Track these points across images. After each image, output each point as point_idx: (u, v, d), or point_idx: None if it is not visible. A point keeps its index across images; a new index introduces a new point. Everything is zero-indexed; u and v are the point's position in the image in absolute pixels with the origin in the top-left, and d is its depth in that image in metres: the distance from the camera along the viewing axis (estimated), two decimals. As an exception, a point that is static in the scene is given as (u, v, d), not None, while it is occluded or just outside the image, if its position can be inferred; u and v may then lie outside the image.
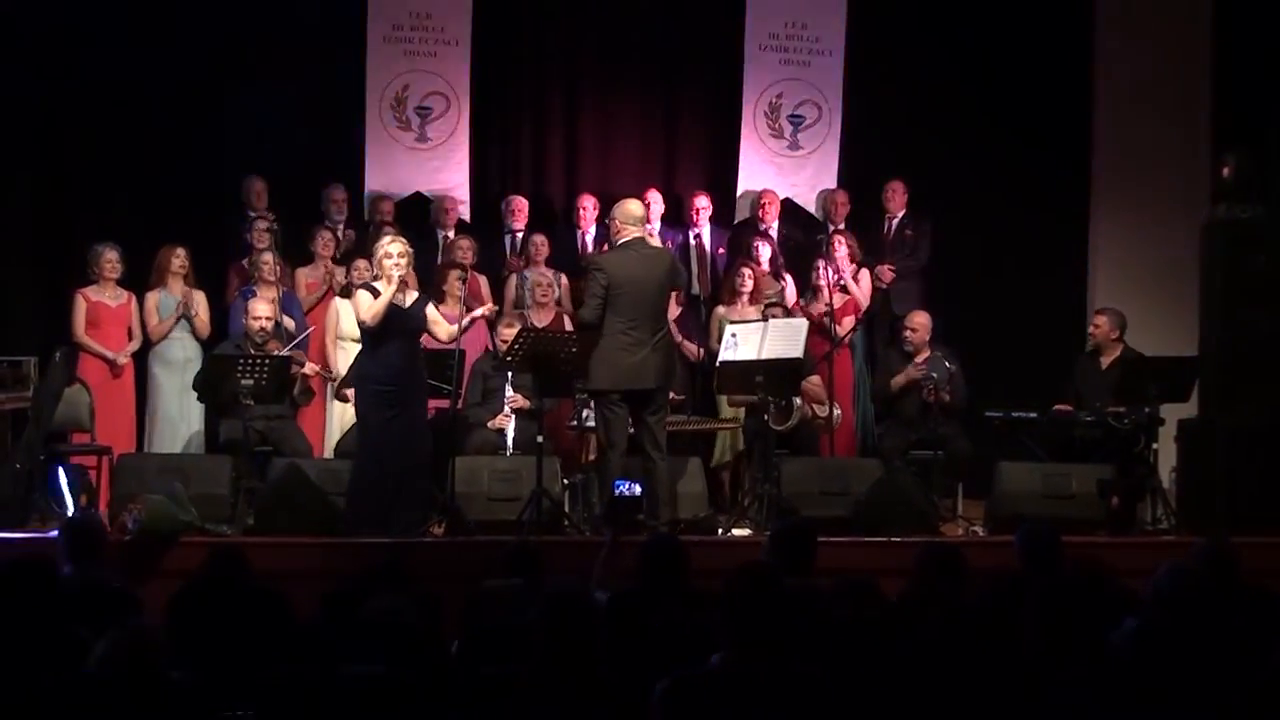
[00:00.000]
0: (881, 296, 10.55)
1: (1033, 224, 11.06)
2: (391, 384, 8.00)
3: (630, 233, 8.20)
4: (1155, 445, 8.86)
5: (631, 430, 8.24)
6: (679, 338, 9.67)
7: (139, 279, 9.69)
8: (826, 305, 9.63)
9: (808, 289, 10.23)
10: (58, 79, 10.35)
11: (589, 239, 10.72)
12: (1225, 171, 9.19)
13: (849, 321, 9.97)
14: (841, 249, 10.32)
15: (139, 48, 10.38)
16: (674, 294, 8.90)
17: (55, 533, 6.18)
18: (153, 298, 9.61)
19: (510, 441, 9.04)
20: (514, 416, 9.10)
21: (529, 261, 10.29)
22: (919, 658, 4.38)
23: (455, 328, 8.33)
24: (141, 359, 9.65)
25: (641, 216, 8.40)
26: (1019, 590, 5.11)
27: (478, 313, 8.66)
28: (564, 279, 10.28)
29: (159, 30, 10.39)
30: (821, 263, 10.01)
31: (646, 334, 8.12)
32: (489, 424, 9.16)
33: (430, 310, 8.29)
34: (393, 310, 8.00)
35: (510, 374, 8.91)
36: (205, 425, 9.52)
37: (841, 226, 10.69)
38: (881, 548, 7.77)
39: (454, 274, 9.56)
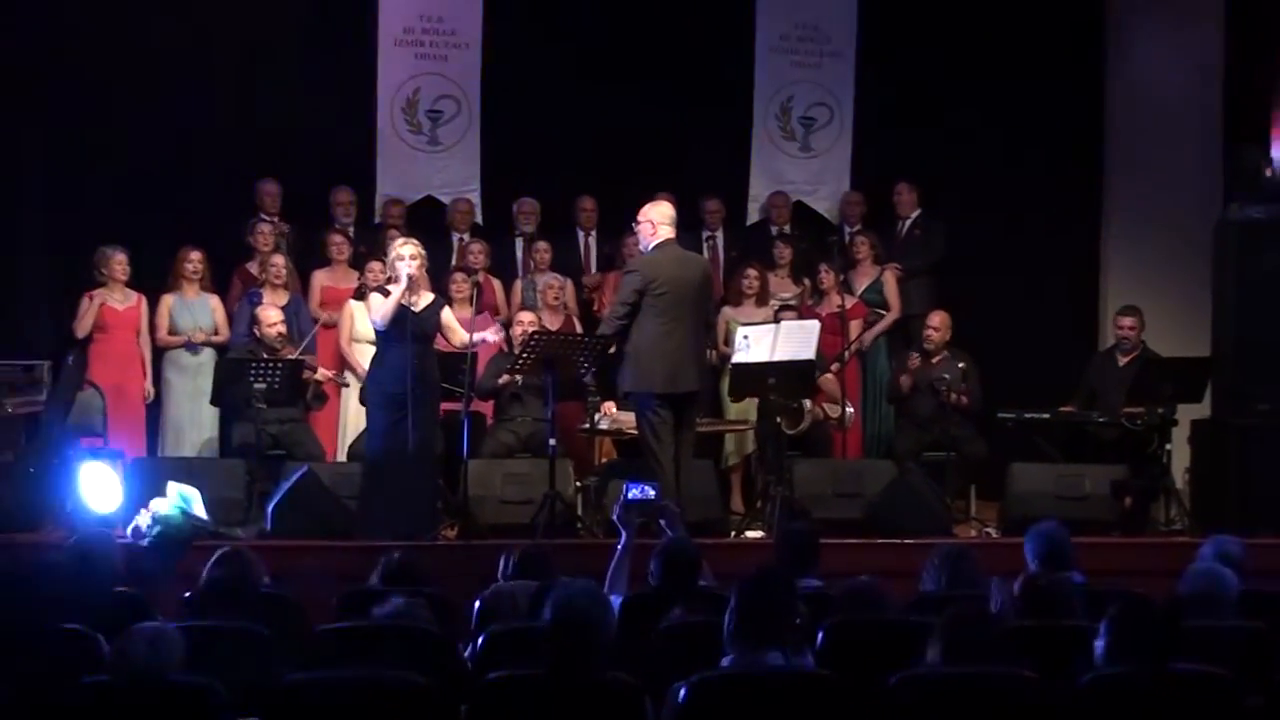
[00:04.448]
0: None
1: (1044, 223, 11.04)
2: (399, 387, 7.93)
3: (665, 234, 8.02)
4: (1169, 445, 8.85)
5: None
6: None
7: (152, 282, 9.66)
8: (839, 307, 9.60)
9: (815, 292, 10.22)
10: (71, 81, 10.34)
11: (591, 241, 10.71)
12: (1244, 169, 9.19)
13: (856, 325, 9.93)
14: (864, 250, 10.32)
15: (155, 49, 10.31)
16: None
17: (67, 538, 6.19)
18: (166, 301, 9.56)
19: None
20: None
21: (534, 268, 10.28)
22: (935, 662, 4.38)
23: (468, 337, 8.20)
24: (153, 363, 9.60)
25: (674, 217, 8.13)
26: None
27: (490, 338, 8.47)
28: (569, 284, 10.26)
29: (174, 31, 10.31)
30: (824, 265, 10.00)
31: (687, 336, 7.93)
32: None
33: (446, 315, 8.26)
34: (401, 312, 7.96)
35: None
36: (220, 429, 9.52)
37: (859, 228, 10.69)
38: (895, 549, 7.77)
39: (459, 277, 9.55)
